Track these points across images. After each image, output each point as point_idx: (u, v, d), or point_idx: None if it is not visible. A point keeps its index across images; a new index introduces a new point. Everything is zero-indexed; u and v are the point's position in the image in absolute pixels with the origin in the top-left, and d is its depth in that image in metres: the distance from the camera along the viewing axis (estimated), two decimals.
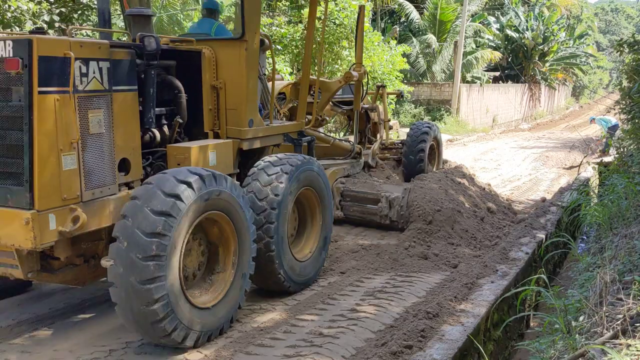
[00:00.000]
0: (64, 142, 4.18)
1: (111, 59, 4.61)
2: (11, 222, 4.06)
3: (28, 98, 4.00)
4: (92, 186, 4.42)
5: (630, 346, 2.81)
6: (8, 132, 4.12)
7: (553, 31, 35.63)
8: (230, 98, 5.79)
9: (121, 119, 4.70)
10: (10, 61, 4.00)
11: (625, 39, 8.88)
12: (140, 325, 4.18)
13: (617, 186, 6.46)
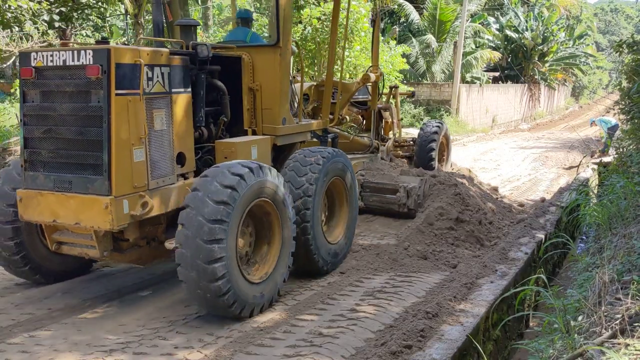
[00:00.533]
0: (135, 138, 4.86)
1: (170, 65, 5.30)
2: (91, 207, 4.76)
3: (106, 100, 4.67)
4: (156, 176, 5.13)
5: (628, 346, 2.82)
6: (88, 129, 4.80)
7: (552, 31, 35.63)
8: (265, 99, 6.42)
9: (178, 118, 5.39)
10: (91, 68, 4.67)
11: (624, 40, 8.90)
12: (205, 300, 4.78)
13: (616, 186, 6.47)
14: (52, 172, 5.03)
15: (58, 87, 4.92)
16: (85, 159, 4.85)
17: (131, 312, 5.21)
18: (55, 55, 4.87)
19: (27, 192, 5.10)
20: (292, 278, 6.10)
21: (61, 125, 4.96)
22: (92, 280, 6.07)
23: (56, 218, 4.98)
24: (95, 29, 22.27)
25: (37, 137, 5.09)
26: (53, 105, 4.97)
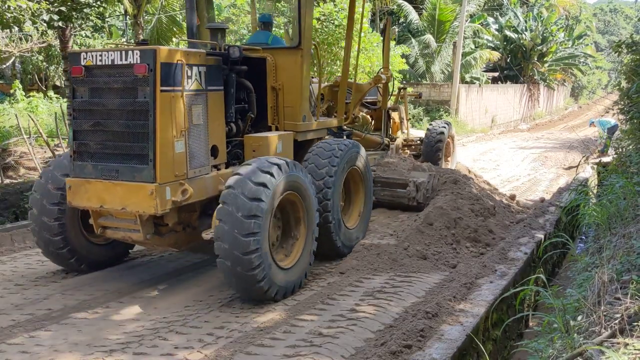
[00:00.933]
0: (177, 131, 5.33)
1: (206, 65, 5.76)
2: (137, 193, 5.23)
3: (152, 95, 5.13)
4: (194, 166, 5.60)
5: (628, 345, 2.82)
6: (135, 123, 5.25)
7: (552, 32, 35.66)
8: (287, 97, 6.88)
9: (212, 113, 5.87)
10: (138, 66, 5.12)
11: (623, 40, 8.91)
12: (242, 286, 5.29)
13: (616, 186, 6.47)
14: (99, 162, 5.47)
15: (106, 84, 5.38)
16: (132, 150, 5.31)
17: (130, 312, 5.22)
18: (104, 55, 5.34)
19: (75, 180, 5.57)
20: None
21: (109, 119, 5.40)
22: (90, 280, 6.08)
23: (103, 204, 5.45)
24: (94, 30, 22.25)
25: (86, 130, 5.54)
26: (101, 101, 5.42)
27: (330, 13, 16.68)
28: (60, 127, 11.04)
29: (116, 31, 24.93)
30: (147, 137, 5.20)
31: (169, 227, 5.71)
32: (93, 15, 11.70)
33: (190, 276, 6.26)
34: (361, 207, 7.31)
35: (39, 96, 18.11)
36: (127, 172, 5.31)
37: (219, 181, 5.83)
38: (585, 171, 13.79)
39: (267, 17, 8.10)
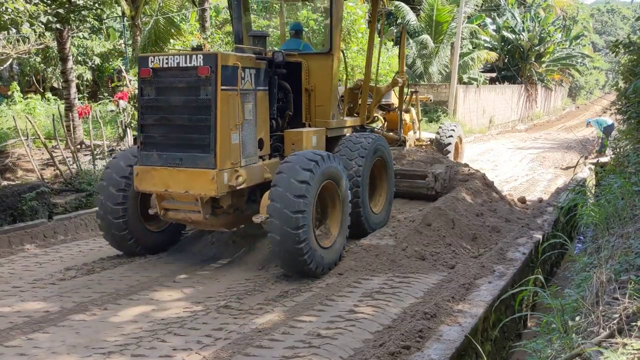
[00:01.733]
0: (233, 124, 6.11)
1: (255, 68, 6.55)
2: (200, 178, 5.99)
3: (214, 94, 5.90)
4: (245, 156, 6.37)
5: (626, 345, 2.82)
6: (197, 117, 6.00)
7: (549, 32, 35.69)
8: (318, 97, 7.72)
9: (260, 110, 6.66)
10: (202, 68, 5.89)
11: (621, 40, 8.92)
12: (289, 259, 5.98)
13: (614, 186, 6.47)
14: (164, 151, 6.22)
15: (171, 83, 6.13)
16: (195, 141, 6.06)
17: (128, 314, 5.21)
18: (170, 59, 6.10)
19: (142, 168, 6.32)
20: (290, 279, 6.11)
21: (173, 114, 6.16)
22: (88, 282, 6.07)
23: (167, 188, 6.22)
24: (92, 31, 22.24)
25: (152, 124, 6.30)
26: (166, 98, 6.17)
27: None
28: (58, 128, 11.02)
29: (114, 33, 24.92)
30: (208, 129, 5.96)
31: (223, 209, 6.47)
32: (90, 17, 11.70)
33: (187, 278, 6.25)
34: (385, 194, 8.19)
35: (36, 98, 18.09)
36: (190, 160, 6.08)
37: (264, 170, 6.69)
38: (583, 171, 13.80)
39: (298, 25, 8.92)
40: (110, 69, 22.66)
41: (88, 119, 11.36)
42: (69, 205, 9.20)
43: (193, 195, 6.15)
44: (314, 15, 16.97)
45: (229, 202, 6.44)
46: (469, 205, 8.85)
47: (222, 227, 6.84)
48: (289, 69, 7.29)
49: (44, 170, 10.46)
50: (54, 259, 6.96)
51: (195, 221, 6.57)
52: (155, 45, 17.28)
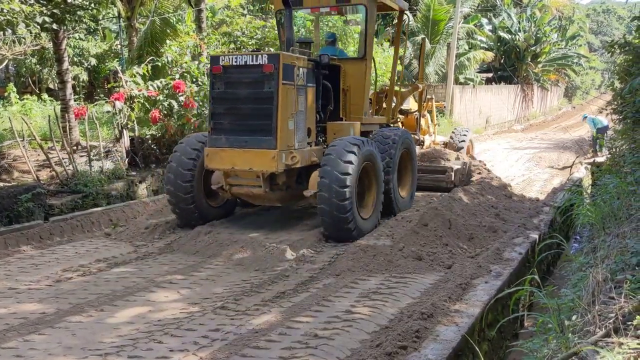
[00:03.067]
0: (290, 113, 7.41)
1: (306, 67, 7.84)
2: (262, 157, 7.31)
3: (276, 87, 7.19)
4: (298, 141, 7.65)
5: (622, 344, 2.83)
6: (261, 107, 7.31)
7: (545, 32, 35.79)
8: (353, 96, 9.09)
9: (309, 103, 7.94)
10: (266, 66, 7.20)
11: (616, 40, 8.93)
12: (335, 227, 7.34)
13: (610, 186, 6.49)
14: (231, 135, 7.51)
15: (239, 79, 7.41)
16: (258, 126, 7.33)
17: (125, 315, 5.19)
18: (238, 58, 7.41)
19: (212, 149, 7.61)
20: (286, 280, 6.10)
21: (240, 104, 7.45)
22: (84, 284, 6.06)
23: (234, 166, 7.52)
24: (88, 32, 22.19)
25: (221, 112, 7.60)
26: (234, 91, 7.46)
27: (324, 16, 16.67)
28: (54, 129, 10.99)
29: (110, 34, 24.87)
30: (271, 116, 7.23)
31: (278, 186, 7.74)
32: (86, 17, 11.66)
33: (184, 279, 6.25)
34: (410, 181, 9.59)
35: (32, 99, 18.04)
36: (254, 142, 7.36)
37: (312, 154, 8.01)
38: (579, 171, 13.83)
39: (333, 35, 10.31)
40: (106, 69, 22.62)
41: (84, 120, 11.32)
42: (65, 207, 9.18)
43: (255, 172, 7.45)
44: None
45: (283, 179, 7.72)
46: (465, 205, 8.88)
47: (277, 201, 8.11)
48: (330, 70, 8.61)
49: (40, 172, 10.43)
50: (50, 261, 6.94)
51: (256, 195, 7.82)
52: (152, 46, 17.25)
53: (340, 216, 7.19)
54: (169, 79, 11.93)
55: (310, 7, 9.65)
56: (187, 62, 12.88)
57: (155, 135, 12.34)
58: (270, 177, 7.57)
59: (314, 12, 10.73)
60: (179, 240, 7.67)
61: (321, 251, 7.29)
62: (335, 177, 7.14)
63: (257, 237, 7.61)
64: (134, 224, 8.56)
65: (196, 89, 11.88)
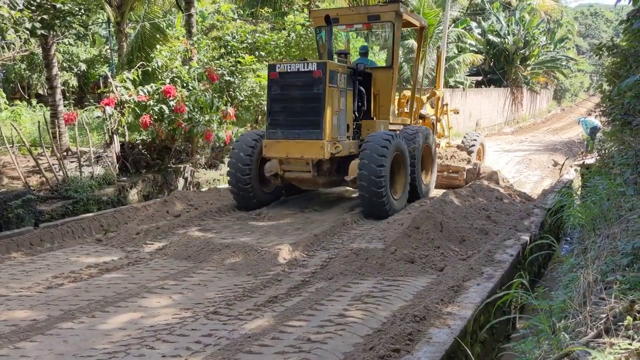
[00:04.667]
0: (334, 111, 9.06)
1: (346, 74, 9.52)
2: (312, 146, 8.95)
3: (323, 89, 8.83)
4: (340, 134, 9.32)
5: (613, 345, 2.84)
6: (311, 105, 8.96)
7: (534, 35, 36.01)
8: (382, 100, 10.73)
9: (348, 104, 9.61)
10: (316, 72, 8.84)
11: (604, 43, 9.01)
12: (372, 206, 8.88)
13: (599, 187, 6.53)
14: (285, 129, 9.17)
15: (292, 82, 9.07)
16: (309, 121, 9.00)
17: (116, 321, 5.16)
18: (292, 65, 9.13)
19: (269, 141, 9.28)
20: (279, 283, 6.09)
21: (293, 103, 9.11)
22: (75, 290, 6.02)
23: (288, 154, 9.19)
24: (77, 37, 22.10)
25: (277, 110, 9.26)
26: (288, 93, 9.13)
27: None
28: (44, 135, 10.94)
29: (99, 39, 24.79)
30: (319, 113, 8.89)
31: (324, 172, 9.44)
32: (76, 23, 11.62)
33: (176, 285, 6.22)
34: (430, 172, 11.11)
35: (22, 105, 17.94)
36: (305, 134, 9.02)
37: (350, 146, 9.67)
38: (569, 173, 13.92)
39: (365, 47, 12.11)
40: (96, 75, 22.54)
41: (74, 126, 11.27)
42: (56, 213, 9.14)
43: (306, 159, 9.10)
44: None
45: (328, 166, 9.40)
46: (456, 208, 8.91)
47: (321, 185, 9.91)
48: (363, 77, 10.17)
49: (30, 178, 10.37)
50: (40, 267, 6.89)
51: (305, 179, 9.55)
52: (142, 51, 17.21)
53: (377, 200, 8.74)
54: (159, 83, 11.91)
55: (345, 24, 11.08)
56: (177, 66, 12.86)
57: (146, 140, 12.31)
58: (318, 164, 9.25)
59: (349, 28, 12.10)
60: (170, 246, 7.64)
61: (313, 255, 7.30)
62: (372, 167, 8.67)
63: (249, 242, 7.62)
64: (125, 229, 8.52)
65: (187, 94, 11.86)
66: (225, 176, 10.98)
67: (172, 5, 20.84)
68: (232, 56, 14.87)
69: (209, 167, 13.78)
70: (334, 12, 10.73)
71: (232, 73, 13.76)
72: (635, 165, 6.25)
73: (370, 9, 11.61)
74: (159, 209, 9.53)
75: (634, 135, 6.99)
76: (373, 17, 10.62)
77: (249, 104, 14.07)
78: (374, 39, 25.76)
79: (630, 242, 4.17)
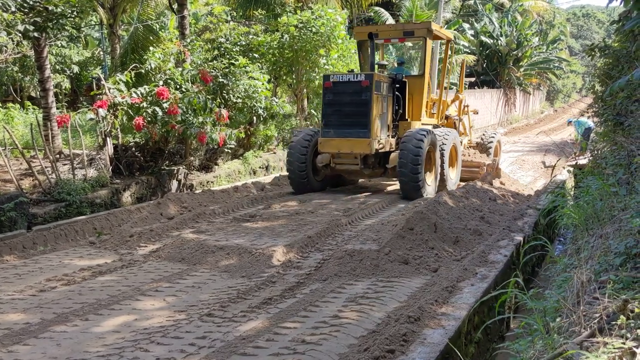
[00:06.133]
0: (378, 114, 10.93)
1: (387, 82, 11.38)
2: (360, 143, 10.86)
3: (370, 96, 10.75)
4: (382, 133, 11.20)
5: (607, 344, 2.85)
6: (360, 109, 10.83)
7: (526, 37, 36.14)
8: (414, 103, 12.50)
9: (388, 108, 11.55)
10: (364, 82, 10.78)
11: (596, 44, 9.05)
12: (410, 190, 10.66)
13: (592, 188, 6.55)
14: (337, 129, 11.15)
15: (344, 90, 11.02)
16: (357, 123, 10.93)
17: (110, 323, 5.14)
18: (343, 76, 11.13)
19: (324, 139, 11.28)
20: (273, 285, 6.09)
21: (344, 108, 11.07)
22: (68, 293, 5.99)
23: (339, 150, 11.18)
24: (70, 40, 22.03)
25: (330, 113, 11.22)
26: (340, 98, 11.05)
27: (307, 20, 16.72)
28: (36, 138, 10.89)
29: (92, 41, 24.71)
30: (367, 116, 10.83)
31: (368, 164, 11.41)
32: (69, 25, 11.59)
33: (170, 287, 6.21)
34: (456, 167, 12.74)
35: (15, 107, 17.86)
36: (354, 133, 10.94)
37: (390, 143, 11.61)
38: (562, 174, 13.97)
39: (401, 59, 14.52)
40: (88, 77, 22.47)
41: (67, 128, 11.23)
42: (49, 216, 9.09)
43: (354, 154, 11.06)
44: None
45: (372, 159, 11.32)
46: (450, 209, 8.92)
47: (367, 176, 11.93)
48: (400, 85, 12.02)
49: (23, 181, 10.32)
50: (33, 270, 6.85)
51: (353, 170, 11.58)
52: (135, 52, 17.17)
53: (413, 184, 10.60)
54: (152, 85, 11.88)
55: (384, 39, 12.98)
56: (170, 68, 12.84)
57: (139, 142, 12.27)
58: (364, 158, 11.18)
59: (387, 42, 14.39)
60: (164, 248, 7.62)
61: (308, 256, 7.29)
62: (410, 156, 10.50)
63: (243, 244, 7.61)
64: (118, 232, 8.49)
65: (180, 96, 11.84)
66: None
67: (165, 7, 20.80)
68: (226, 58, 14.85)
69: (202, 169, 13.75)
70: (374, 29, 12.62)
71: (226, 75, 13.74)
72: (628, 166, 6.27)
73: (406, 26, 14.10)
74: (152, 211, 9.51)
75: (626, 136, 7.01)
76: (408, 33, 12.54)
77: (243, 106, 14.05)
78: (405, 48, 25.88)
79: (623, 241, 4.18)
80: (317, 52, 16.74)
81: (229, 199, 10.99)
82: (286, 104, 16.30)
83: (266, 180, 13.30)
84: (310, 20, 16.69)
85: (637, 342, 2.82)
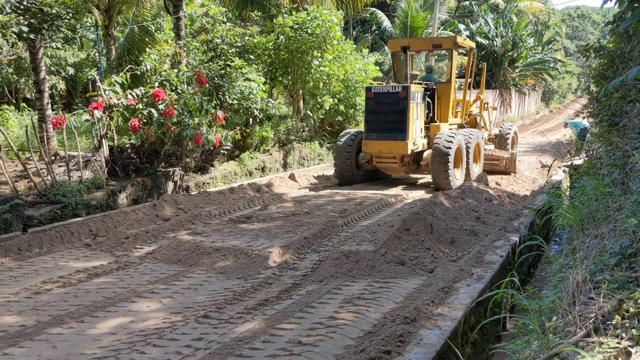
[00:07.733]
0: (413, 119, 12.79)
1: (420, 91, 13.18)
2: (398, 145, 12.78)
3: (406, 104, 12.58)
4: (417, 136, 13.14)
5: (602, 344, 2.86)
6: (399, 116, 12.66)
7: (522, 37, 36.22)
8: (442, 107, 14.24)
9: (421, 113, 13.30)
10: (402, 92, 12.66)
11: (591, 45, 9.08)
12: (441, 183, 12.35)
13: (587, 188, 6.57)
14: (378, 132, 12.89)
15: (384, 100, 12.73)
16: (396, 127, 12.64)
17: (106, 325, 5.14)
18: (383, 88, 12.98)
19: (367, 141, 13.06)
20: (269, 287, 6.08)
21: (384, 114, 12.73)
22: (63, 295, 5.98)
23: (380, 150, 12.92)
24: (65, 41, 21.98)
25: (372, 119, 12.96)
26: (381, 107, 12.73)
27: (303, 22, 16.71)
28: (31, 139, 10.86)
29: (87, 42, 24.67)
30: (404, 122, 12.51)
31: (405, 162, 13.01)
32: (64, 26, 11.56)
33: (166, 289, 6.20)
34: (479, 163, 14.23)
35: (10, 109, 17.80)
36: (393, 136, 12.67)
37: (423, 143, 13.27)
38: (558, 174, 14.00)
39: (430, 67, 16.78)
40: (84, 78, 22.42)
41: (62, 130, 11.19)
42: (44, 218, 9.07)
43: (394, 154, 12.75)
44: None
45: (408, 158, 12.99)
46: (446, 210, 8.93)
47: (403, 172, 13.55)
48: (430, 92, 13.84)
49: (18, 182, 10.28)
50: (28, 272, 6.84)
51: (391, 167, 13.32)
52: (130, 54, 17.14)
53: (444, 177, 12.20)
54: (148, 87, 11.86)
55: (415, 50, 15.31)
56: (166, 70, 12.81)
57: (135, 144, 12.24)
58: (402, 157, 12.81)
59: (417, 53, 17.65)
60: (160, 250, 7.61)
61: (304, 258, 7.29)
62: (440, 156, 12.15)
63: (239, 245, 7.60)
64: (114, 233, 8.48)
65: (176, 97, 11.81)
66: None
67: (160, 9, 20.78)
68: (222, 59, 14.83)
69: (198, 170, 13.72)
70: (406, 42, 14.64)
71: (222, 76, 13.72)
72: (623, 166, 6.28)
73: (434, 39, 16.15)
74: (148, 213, 9.50)
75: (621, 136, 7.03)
76: (436, 45, 14.82)
77: (239, 107, 14.03)
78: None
79: (618, 241, 4.19)
80: (311, 53, 16.73)
81: (225, 200, 10.98)
82: (282, 105, 16.29)
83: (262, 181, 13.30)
84: (306, 21, 16.68)
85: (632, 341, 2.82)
